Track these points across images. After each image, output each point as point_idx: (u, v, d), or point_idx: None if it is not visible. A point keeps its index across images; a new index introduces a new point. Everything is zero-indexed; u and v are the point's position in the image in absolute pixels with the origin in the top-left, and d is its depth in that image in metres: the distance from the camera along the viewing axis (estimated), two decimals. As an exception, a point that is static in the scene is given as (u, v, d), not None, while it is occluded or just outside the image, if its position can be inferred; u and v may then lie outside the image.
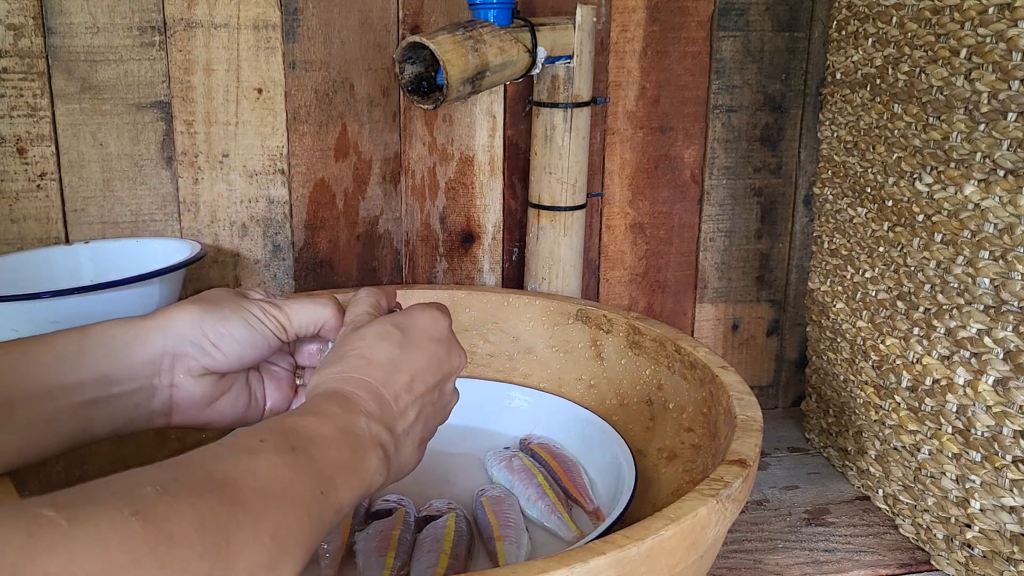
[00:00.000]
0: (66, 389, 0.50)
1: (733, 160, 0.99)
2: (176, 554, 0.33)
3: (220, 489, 0.37)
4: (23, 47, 0.80)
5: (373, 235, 0.94)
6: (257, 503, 0.38)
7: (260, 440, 0.42)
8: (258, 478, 0.39)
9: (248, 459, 0.40)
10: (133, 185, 0.86)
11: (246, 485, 0.38)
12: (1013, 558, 0.65)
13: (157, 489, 0.35)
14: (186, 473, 0.38)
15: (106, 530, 0.32)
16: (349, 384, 0.50)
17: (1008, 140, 0.62)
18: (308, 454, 0.42)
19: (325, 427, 0.45)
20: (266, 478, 0.39)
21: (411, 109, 0.91)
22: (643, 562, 0.46)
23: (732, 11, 0.95)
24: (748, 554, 0.74)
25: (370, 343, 0.53)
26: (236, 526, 0.36)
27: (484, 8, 0.78)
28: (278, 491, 0.39)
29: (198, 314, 0.55)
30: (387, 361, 0.52)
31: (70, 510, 0.32)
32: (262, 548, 0.37)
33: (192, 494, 0.36)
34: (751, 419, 0.61)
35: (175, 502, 0.35)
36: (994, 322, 0.64)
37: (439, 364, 0.55)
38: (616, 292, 1.00)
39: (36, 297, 0.67)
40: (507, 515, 0.66)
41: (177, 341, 0.54)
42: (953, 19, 0.66)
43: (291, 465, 0.41)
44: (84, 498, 0.33)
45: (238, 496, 0.37)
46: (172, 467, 0.38)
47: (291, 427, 0.44)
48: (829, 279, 0.87)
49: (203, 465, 0.39)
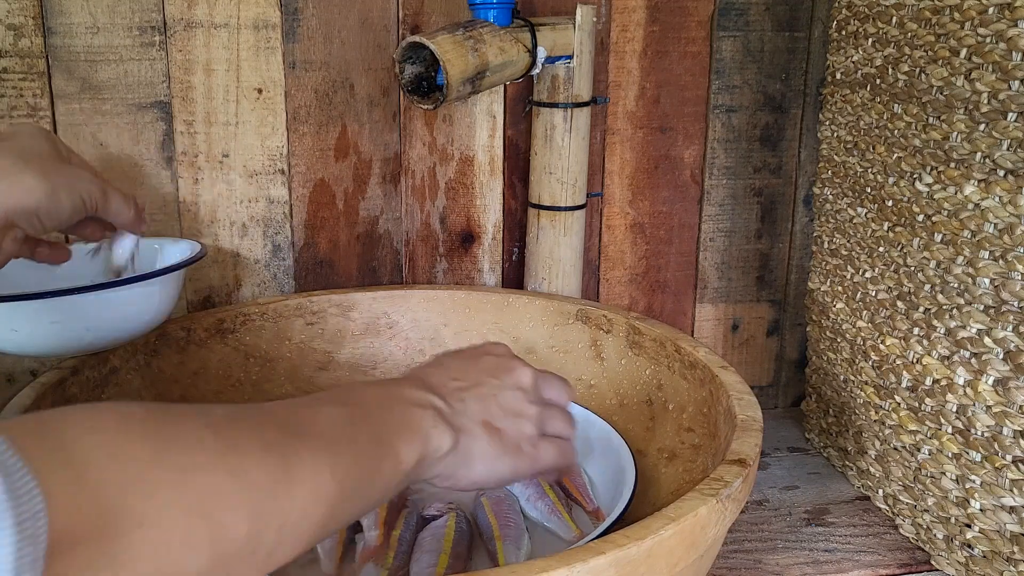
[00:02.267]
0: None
1: (733, 160, 0.99)
2: (244, 464, 0.37)
3: (281, 425, 0.41)
4: (23, 47, 0.80)
5: (373, 235, 0.94)
6: (316, 441, 0.41)
7: (316, 398, 0.47)
8: (317, 422, 0.43)
9: (306, 409, 0.44)
10: (133, 185, 0.86)
11: (306, 427, 0.42)
12: (1013, 558, 0.65)
13: (227, 414, 0.40)
14: (251, 411, 0.42)
15: (186, 432, 0.36)
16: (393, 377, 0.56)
17: (1008, 140, 0.62)
18: (363, 409, 0.47)
19: (372, 392, 0.50)
20: (324, 423, 0.43)
21: (411, 109, 0.91)
22: (643, 562, 0.46)
23: (732, 11, 0.95)
24: (748, 554, 0.74)
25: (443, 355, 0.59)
26: (295, 454, 0.40)
27: (484, 8, 0.78)
28: (336, 434, 0.43)
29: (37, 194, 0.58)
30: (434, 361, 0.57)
31: (155, 414, 0.36)
32: (322, 479, 0.40)
33: (256, 424, 0.40)
34: (751, 419, 0.61)
35: (241, 424, 0.39)
36: (994, 322, 0.64)
37: (494, 365, 0.58)
38: (616, 292, 1.01)
39: (36, 297, 0.66)
40: (507, 515, 0.66)
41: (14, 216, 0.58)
42: (953, 19, 0.66)
43: (346, 416, 0.45)
44: (166, 407, 0.38)
45: (299, 431, 0.41)
46: (237, 407, 0.42)
47: (340, 392, 0.49)
48: (829, 279, 0.87)
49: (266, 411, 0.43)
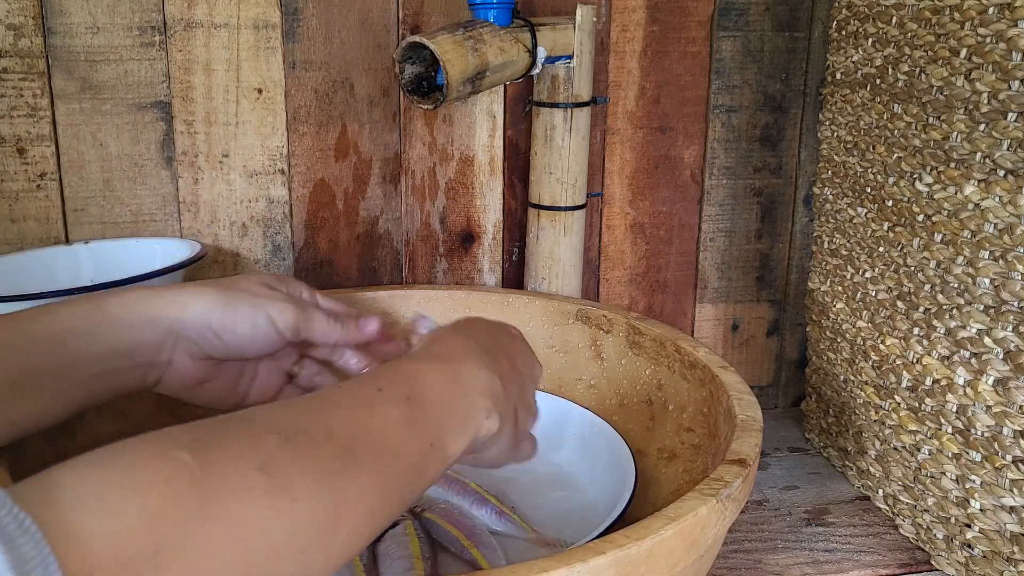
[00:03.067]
0: (78, 365, 0.52)
1: (733, 160, 0.99)
2: (295, 507, 0.35)
3: (338, 442, 0.39)
4: (23, 47, 0.80)
5: (373, 235, 0.94)
6: (370, 458, 0.40)
7: (379, 389, 0.44)
8: (374, 433, 0.41)
9: (366, 412, 0.42)
10: (133, 185, 0.86)
11: (362, 440, 0.41)
12: (1013, 558, 0.65)
13: (281, 438, 0.37)
14: (308, 423, 0.40)
15: (235, 481, 0.34)
16: (461, 336, 0.53)
17: (1008, 140, 0.62)
18: (421, 405, 0.45)
19: (438, 374, 0.48)
20: (381, 432, 0.42)
21: (411, 109, 0.91)
22: (643, 562, 0.46)
23: (732, 11, 0.95)
24: (748, 554, 0.74)
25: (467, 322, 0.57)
26: (349, 480, 0.38)
27: (484, 8, 0.78)
28: (390, 446, 0.42)
29: (210, 303, 0.57)
30: (487, 334, 0.55)
31: (203, 456, 0.34)
32: (370, 501, 0.39)
33: (313, 446, 0.38)
34: (751, 419, 0.61)
35: (297, 455, 0.37)
36: (994, 322, 0.64)
37: (523, 351, 0.58)
38: (616, 292, 1.00)
39: (36, 297, 0.66)
40: (465, 523, 0.65)
41: (184, 326, 0.56)
42: (953, 19, 0.66)
43: (405, 419, 0.43)
44: (215, 443, 0.35)
45: (355, 450, 0.40)
46: (296, 413, 0.40)
47: (407, 374, 0.47)
48: (829, 279, 0.87)
49: (323, 415, 0.41)
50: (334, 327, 0.61)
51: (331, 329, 0.61)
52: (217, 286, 0.58)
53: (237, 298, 0.57)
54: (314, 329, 0.60)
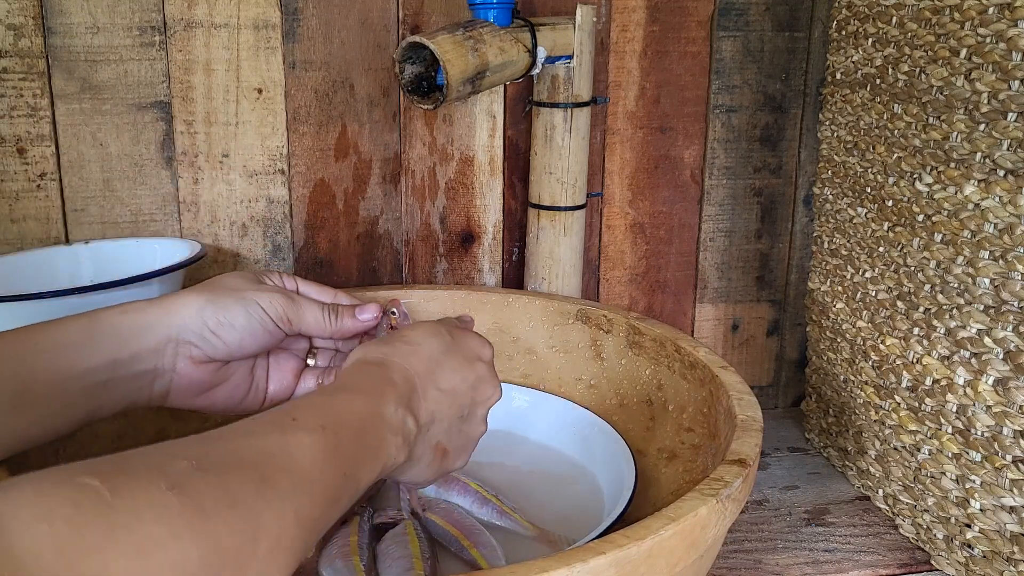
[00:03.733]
0: (77, 375, 0.52)
1: (733, 160, 0.99)
2: (209, 528, 0.34)
3: (250, 467, 0.38)
4: (23, 47, 0.80)
5: (373, 235, 0.94)
6: (284, 482, 0.39)
7: (293, 419, 0.43)
8: (287, 458, 0.40)
9: (279, 437, 0.41)
10: (133, 185, 0.86)
11: (275, 464, 0.40)
12: (1013, 558, 0.65)
13: (192, 464, 0.36)
14: (219, 448, 0.39)
15: (144, 503, 0.33)
16: (390, 365, 0.52)
17: (1008, 140, 0.62)
18: (336, 435, 0.44)
19: (356, 406, 0.47)
20: (294, 458, 0.41)
21: (411, 109, 0.91)
22: (643, 562, 0.46)
23: (732, 11, 0.95)
24: (748, 554, 0.74)
25: (420, 336, 0.56)
26: (264, 504, 0.37)
27: (484, 8, 0.78)
28: (305, 472, 0.41)
29: (201, 304, 0.57)
30: (432, 357, 0.55)
31: (112, 480, 0.33)
32: (286, 526, 0.38)
33: (224, 470, 0.37)
34: (751, 419, 0.61)
35: (208, 477, 0.36)
36: (994, 322, 0.64)
37: (476, 381, 0.57)
38: (616, 292, 1.00)
39: (36, 297, 0.66)
40: (464, 522, 0.65)
41: (180, 329, 0.56)
42: (953, 19, 0.66)
43: (319, 446, 0.42)
44: (124, 469, 0.34)
45: (267, 474, 0.39)
46: (206, 441, 0.40)
47: (324, 404, 0.46)
48: (829, 279, 0.87)
49: (235, 441, 0.40)
50: (328, 318, 0.61)
51: (325, 320, 0.61)
52: (204, 288, 0.58)
53: (225, 295, 0.58)
54: (305, 320, 0.60)
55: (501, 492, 0.70)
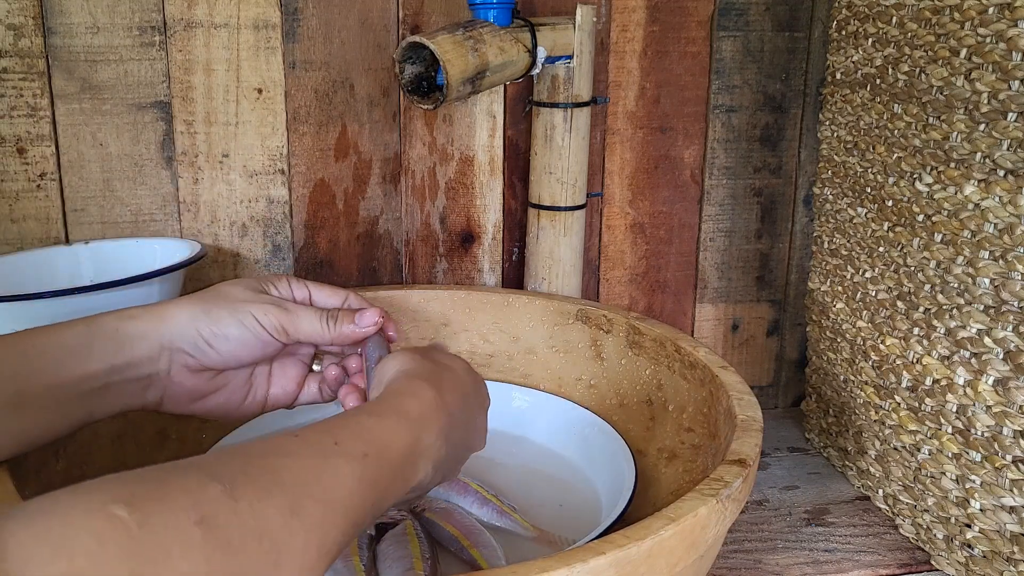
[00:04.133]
0: (74, 380, 0.52)
1: (733, 160, 0.99)
2: (233, 562, 0.34)
3: (283, 495, 0.38)
4: (23, 47, 0.80)
5: (373, 235, 0.94)
6: (315, 513, 0.39)
7: (335, 442, 0.43)
8: (322, 488, 0.40)
9: (319, 463, 0.41)
10: (133, 185, 0.86)
11: (309, 494, 0.39)
12: (1013, 558, 0.65)
13: (225, 489, 0.36)
14: (255, 468, 0.39)
15: (171, 539, 0.33)
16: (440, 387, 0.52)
17: (1008, 140, 0.62)
18: (377, 465, 0.44)
19: (401, 433, 0.47)
20: (329, 488, 0.40)
21: (411, 109, 0.91)
22: (643, 562, 0.46)
23: (732, 11, 0.95)
24: (748, 554, 0.74)
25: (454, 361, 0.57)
26: (290, 536, 0.37)
27: (484, 8, 0.78)
28: (338, 501, 0.41)
29: (196, 313, 0.57)
30: (463, 391, 0.55)
31: (142, 509, 0.33)
32: (309, 556, 0.38)
33: (257, 499, 0.37)
34: (751, 419, 0.61)
35: (239, 507, 0.36)
36: (994, 322, 0.64)
37: (481, 401, 0.58)
38: (616, 292, 1.00)
39: (36, 297, 0.66)
40: (464, 523, 0.65)
41: (173, 338, 0.56)
42: (953, 19, 0.66)
43: (358, 475, 0.42)
44: (156, 494, 0.34)
45: (298, 506, 0.38)
46: (244, 457, 0.39)
47: (368, 430, 0.46)
48: (829, 279, 0.87)
49: (273, 460, 0.40)
50: (325, 327, 0.59)
51: (322, 329, 0.59)
52: (201, 297, 0.58)
53: (218, 305, 0.57)
54: (301, 330, 0.59)
55: (501, 492, 0.70)
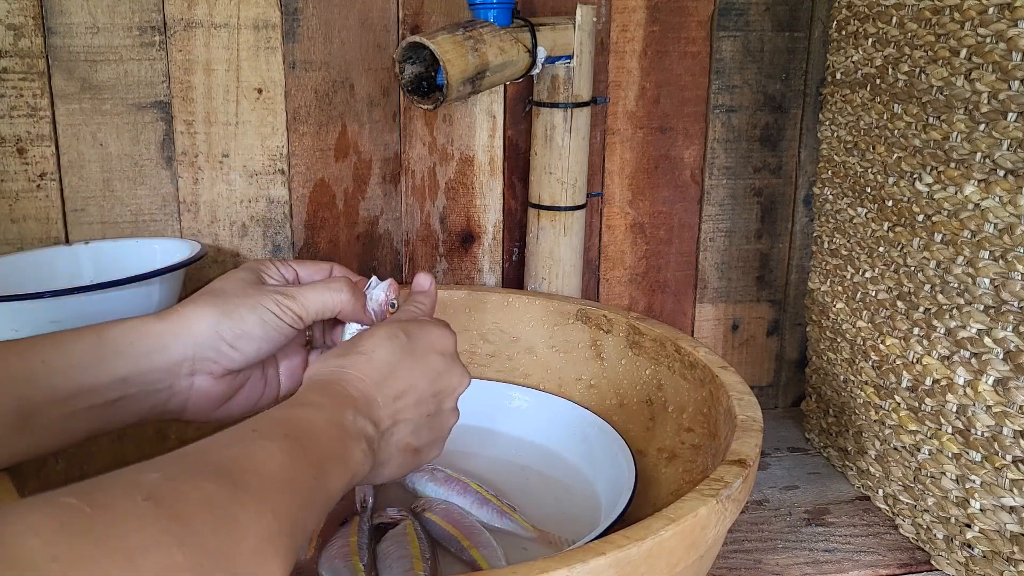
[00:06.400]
0: (83, 394, 0.52)
1: (733, 160, 0.99)
2: (189, 531, 0.35)
3: (220, 473, 0.39)
4: (23, 47, 0.80)
5: (373, 235, 0.94)
6: (255, 483, 0.39)
7: (253, 430, 0.44)
8: (255, 462, 0.41)
9: (243, 446, 0.42)
10: (133, 185, 0.86)
11: (245, 468, 0.40)
12: (1013, 558, 0.65)
13: (163, 475, 0.37)
14: (186, 460, 0.40)
15: (123, 513, 0.34)
16: (344, 378, 0.52)
17: (1008, 140, 0.62)
18: (300, 442, 0.44)
19: (315, 417, 0.47)
20: (262, 462, 0.41)
21: (411, 109, 0.91)
22: (643, 562, 0.46)
23: (732, 11, 0.95)
24: (748, 554, 0.74)
25: (375, 343, 0.55)
26: (239, 506, 0.38)
27: (484, 8, 0.78)
28: (274, 473, 0.41)
29: (215, 317, 0.56)
30: (386, 363, 0.54)
31: (89, 497, 0.34)
32: (265, 525, 0.38)
33: (196, 478, 0.38)
34: (751, 419, 0.61)
35: (180, 485, 0.37)
36: (994, 322, 0.64)
37: (437, 376, 0.56)
38: (616, 292, 1.00)
39: (36, 297, 0.66)
40: (464, 523, 0.65)
41: (197, 347, 0.55)
42: (953, 19, 0.66)
43: (285, 451, 0.43)
44: (98, 487, 0.35)
45: (239, 478, 0.39)
46: (173, 458, 0.40)
47: (283, 417, 0.47)
48: (829, 279, 0.87)
49: (202, 454, 0.41)
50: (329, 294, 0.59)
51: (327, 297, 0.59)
52: (211, 299, 0.57)
53: (236, 305, 0.56)
54: (311, 311, 0.59)
55: (501, 492, 0.70)
